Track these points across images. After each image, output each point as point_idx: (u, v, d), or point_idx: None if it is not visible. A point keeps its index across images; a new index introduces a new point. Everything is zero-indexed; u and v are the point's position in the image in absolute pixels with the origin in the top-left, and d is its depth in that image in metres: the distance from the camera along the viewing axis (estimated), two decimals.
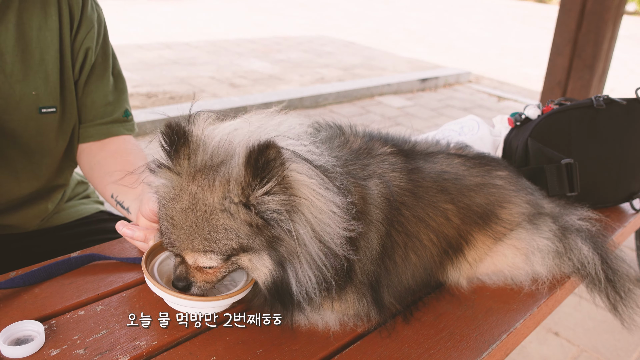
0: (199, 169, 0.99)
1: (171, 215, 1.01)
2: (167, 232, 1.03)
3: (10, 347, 0.99)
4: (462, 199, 1.32)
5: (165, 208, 1.02)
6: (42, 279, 1.23)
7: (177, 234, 1.01)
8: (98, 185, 1.62)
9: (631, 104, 1.88)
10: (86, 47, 1.58)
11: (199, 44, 10.95)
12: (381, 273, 1.17)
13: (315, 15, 17.18)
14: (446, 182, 1.32)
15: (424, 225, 1.24)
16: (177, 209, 1.00)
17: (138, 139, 1.80)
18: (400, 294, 1.21)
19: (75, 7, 1.56)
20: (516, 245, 1.38)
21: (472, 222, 1.33)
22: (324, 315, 1.15)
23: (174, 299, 1.08)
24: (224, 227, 0.97)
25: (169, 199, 1.01)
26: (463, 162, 1.43)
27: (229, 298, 1.07)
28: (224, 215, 0.97)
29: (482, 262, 1.37)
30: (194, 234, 0.99)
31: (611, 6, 4.75)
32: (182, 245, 1.01)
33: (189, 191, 0.99)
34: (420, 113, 7.60)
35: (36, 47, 1.49)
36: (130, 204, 1.47)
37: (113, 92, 1.68)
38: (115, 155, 1.61)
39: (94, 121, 1.66)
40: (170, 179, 1.02)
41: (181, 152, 1.00)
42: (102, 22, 1.66)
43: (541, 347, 3.08)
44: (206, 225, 0.98)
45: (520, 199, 1.42)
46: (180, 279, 1.07)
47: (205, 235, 0.98)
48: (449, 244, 1.30)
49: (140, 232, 1.28)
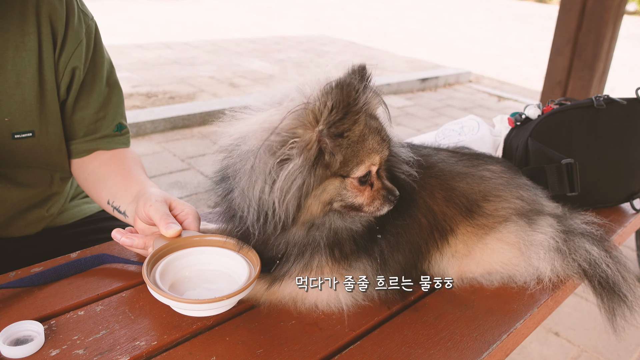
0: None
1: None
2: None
3: (10, 347, 0.99)
4: (446, 182, 1.35)
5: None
6: (52, 280, 1.23)
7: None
8: (93, 193, 1.58)
9: (631, 104, 1.87)
10: (73, 66, 1.47)
11: (199, 43, 10.95)
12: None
13: (315, 15, 17.18)
14: (434, 166, 1.35)
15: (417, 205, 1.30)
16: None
17: (138, 139, 1.79)
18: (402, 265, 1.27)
19: (59, 23, 1.43)
20: (506, 239, 1.35)
21: (454, 208, 1.34)
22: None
23: (180, 305, 1.08)
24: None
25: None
26: (453, 155, 1.46)
27: (236, 295, 1.07)
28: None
29: (470, 257, 1.35)
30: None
31: (611, 6, 4.75)
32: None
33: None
34: (420, 113, 7.60)
35: (12, 69, 1.38)
36: (127, 208, 1.44)
37: (105, 106, 1.58)
38: (108, 163, 1.57)
39: (84, 137, 1.58)
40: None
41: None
42: (92, 33, 1.53)
43: (541, 347, 3.08)
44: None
45: (510, 194, 1.41)
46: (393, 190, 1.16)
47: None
48: (434, 225, 1.32)
49: (140, 240, 1.26)
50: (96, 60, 1.56)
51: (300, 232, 1.14)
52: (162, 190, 1.39)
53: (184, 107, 6.49)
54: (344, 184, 1.10)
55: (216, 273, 1.22)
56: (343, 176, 1.09)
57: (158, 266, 1.16)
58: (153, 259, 1.16)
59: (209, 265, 1.22)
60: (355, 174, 1.10)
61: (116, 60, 8.49)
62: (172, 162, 5.22)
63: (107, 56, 1.62)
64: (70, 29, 1.46)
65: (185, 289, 1.18)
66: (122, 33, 11.07)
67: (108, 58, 1.62)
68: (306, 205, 1.08)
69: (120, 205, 1.46)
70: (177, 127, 6.15)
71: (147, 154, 5.30)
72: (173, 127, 6.13)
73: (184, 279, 1.20)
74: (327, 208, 1.12)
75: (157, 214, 1.23)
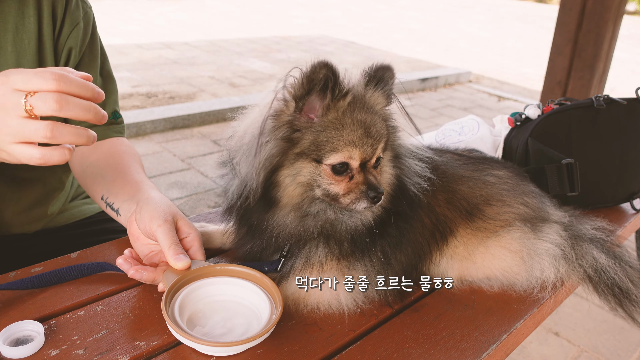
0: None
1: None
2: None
3: (10, 348, 0.99)
4: (448, 185, 1.35)
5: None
6: (51, 283, 1.22)
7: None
8: (89, 187, 1.56)
9: (631, 104, 1.87)
10: (69, 47, 1.49)
11: (199, 43, 10.95)
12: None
13: (315, 15, 17.18)
14: (437, 169, 1.35)
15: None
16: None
17: (138, 139, 1.79)
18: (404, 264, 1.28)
19: (59, 5, 1.45)
20: (508, 246, 1.34)
21: (455, 211, 1.34)
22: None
23: (204, 348, 1.02)
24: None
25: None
26: (458, 157, 1.45)
27: (259, 338, 1.03)
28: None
29: (470, 259, 1.34)
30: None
31: (611, 6, 4.75)
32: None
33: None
34: (420, 113, 7.60)
35: (12, 51, 1.39)
36: (121, 205, 1.40)
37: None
38: (107, 157, 1.56)
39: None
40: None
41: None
42: (89, 20, 1.56)
43: (541, 347, 3.08)
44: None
45: (514, 200, 1.39)
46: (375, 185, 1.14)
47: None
48: (436, 226, 1.32)
49: (150, 275, 1.20)
50: (92, 47, 1.58)
51: (292, 219, 1.16)
52: (162, 193, 1.38)
53: (184, 107, 6.50)
54: (319, 169, 1.12)
55: (231, 304, 1.17)
56: (317, 161, 1.12)
57: (176, 301, 1.10)
58: (170, 294, 1.10)
59: (224, 297, 1.17)
60: (328, 161, 1.11)
61: (116, 60, 8.45)
62: (172, 162, 5.22)
63: (102, 47, 1.64)
64: (69, 10, 1.48)
65: (203, 323, 1.11)
66: (122, 33, 11.07)
67: (103, 49, 1.65)
68: (281, 182, 1.12)
69: (114, 202, 1.43)
70: (177, 127, 6.15)
71: (147, 154, 5.30)
72: (173, 127, 6.13)
73: (200, 312, 1.14)
74: (310, 194, 1.14)
75: (166, 241, 1.18)
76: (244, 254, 1.29)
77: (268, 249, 1.24)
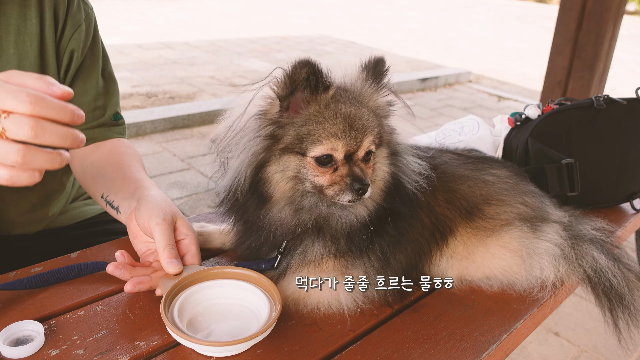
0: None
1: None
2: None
3: (10, 348, 0.99)
4: (447, 184, 1.35)
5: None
6: (50, 283, 1.22)
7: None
8: (90, 186, 1.57)
9: (631, 104, 1.87)
10: (71, 48, 1.49)
11: (198, 43, 10.95)
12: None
13: (315, 15, 17.18)
14: (437, 168, 1.35)
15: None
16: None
17: (138, 139, 1.79)
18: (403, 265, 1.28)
19: (61, 7, 1.46)
20: (508, 246, 1.34)
21: (454, 210, 1.34)
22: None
23: (205, 349, 1.03)
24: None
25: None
26: (458, 157, 1.45)
27: (259, 335, 1.03)
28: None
29: (469, 259, 1.34)
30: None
31: (611, 6, 4.75)
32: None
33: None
34: (420, 113, 7.59)
35: (14, 53, 1.39)
36: (120, 203, 1.40)
37: (103, 95, 1.60)
38: (108, 157, 1.56)
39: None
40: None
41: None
42: (91, 22, 1.56)
43: (541, 347, 3.08)
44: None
45: (513, 199, 1.39)
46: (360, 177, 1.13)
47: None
48: (436, 225, 1.32)
49: (146, 285, 1.18)
50: (94, 49, 1.58)
51: (287, 213, 1.17)
52: (162, 191, 1.38)
53: (184, 107, 6.50)
54: (303, 162, 1.13)
55: (230, 306, 1.17)
56: (302, 154, 1.12)
57: (175, 305, 1.09)
58: (168, 298, 1.10)
59: (223, 299, 1.17)
60: (311, 153, 1.12)
61: (116, 60, 8.42)
62: (172, 162, 5.22)
63: (104, 48, 1.64)
64: (70, 13, 1.48)
65: (204, 326, 1.11)
66: (122, 33, 11.07)
67: (104, 50, 1.65)
68: (271, 179, 1.14)
69: (114, 200, 1.43)
70: (177, 127, 6.15)
71: (147, 154, 5.30)
72: (173, 127, 6.13)
73: (200, 315, 1.13)
74: (300, 187, 1.15)
75: (162, 241, 1.18)
76: (243, 252, 1.30)
77: (265, 245, 1.24)
